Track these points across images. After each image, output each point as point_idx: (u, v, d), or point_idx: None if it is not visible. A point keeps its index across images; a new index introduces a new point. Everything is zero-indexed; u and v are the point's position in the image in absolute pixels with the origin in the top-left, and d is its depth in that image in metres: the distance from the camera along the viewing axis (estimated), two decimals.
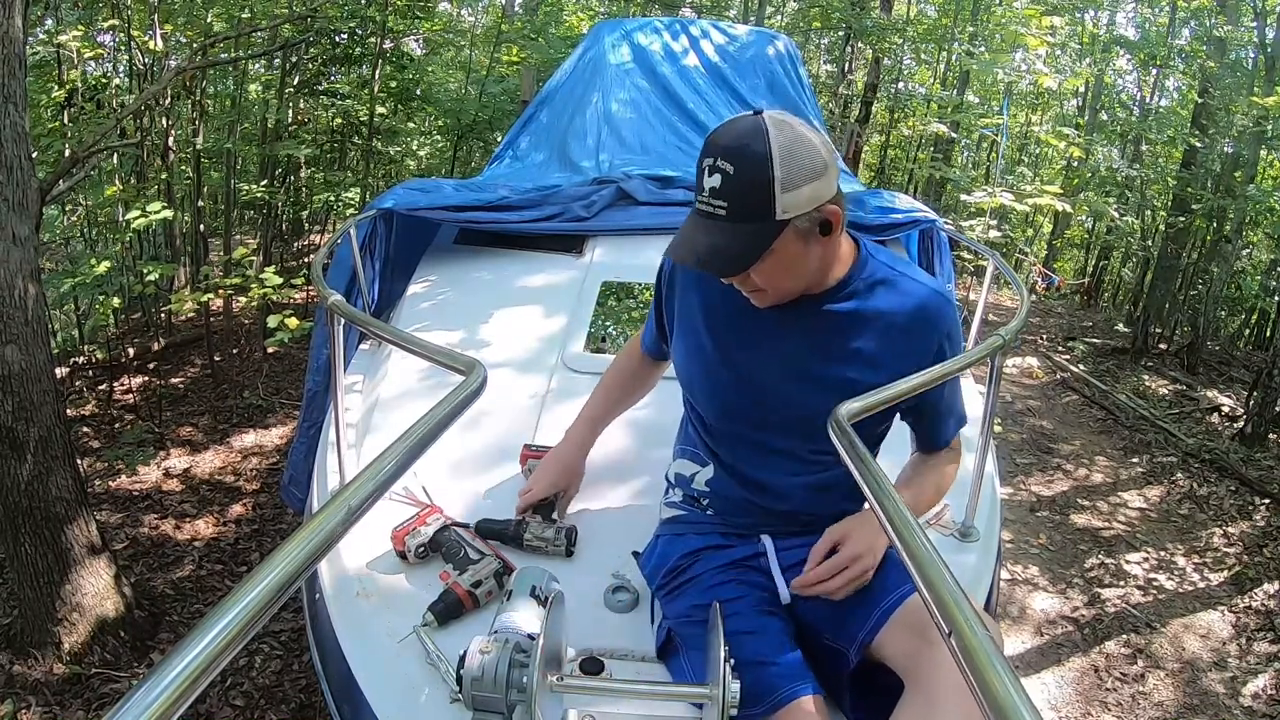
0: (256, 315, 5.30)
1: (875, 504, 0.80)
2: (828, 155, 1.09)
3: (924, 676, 1.02)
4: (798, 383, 1.23)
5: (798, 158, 1.05)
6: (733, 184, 1.05)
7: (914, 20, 10.07)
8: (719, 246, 1.08)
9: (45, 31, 5.03)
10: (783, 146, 1.05)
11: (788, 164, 1.05)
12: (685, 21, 3.73)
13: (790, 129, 1.06)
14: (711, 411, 1.33)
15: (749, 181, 1.05)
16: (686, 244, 1.12)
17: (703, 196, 1.09)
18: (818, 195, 1.08)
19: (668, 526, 1.42)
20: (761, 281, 1.14)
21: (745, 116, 1.09)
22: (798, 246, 1.11)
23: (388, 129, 6.95)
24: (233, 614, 0.53)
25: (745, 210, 1.06)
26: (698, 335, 1.31)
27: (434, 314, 2.27)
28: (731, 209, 1.06)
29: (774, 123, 1.06)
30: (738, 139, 1.06)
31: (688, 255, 1.11)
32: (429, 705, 1.18)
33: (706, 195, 1.08)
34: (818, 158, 1.07)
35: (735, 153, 1.05)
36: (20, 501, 2.42)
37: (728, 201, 1.06)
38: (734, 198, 1.06)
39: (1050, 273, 10.27)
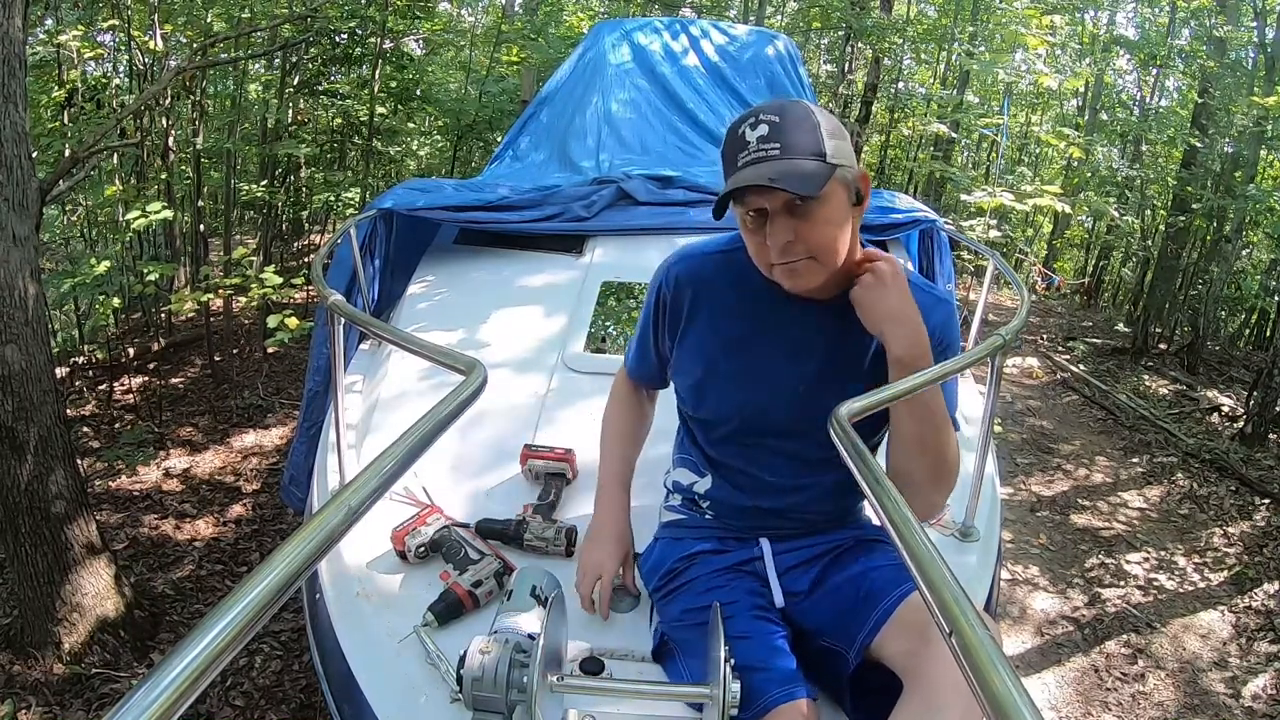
0: (256, 315, 5.30)
1: (875, 504, 0.80)
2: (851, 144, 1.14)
3: (923, 676, 1.02)
4: (819, 390, 1.21)
5: (831, 119, 1.11)
6: (782, 128, 1.07)
7: (914, 20, 10.07)
8: (785, 170, 1.06)
9: (45, 31, 5.03)
10: (817, 110, 1.11)
11: (827, 119, 1.10)
12: (685, 21, 3.73)
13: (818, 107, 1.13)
14: (725, 427, 1.30)
15: (797, 125, 1.07)
16: (750, 174, 1.07)
17: (748, 149, 1.08)
18: (851, 156, 1.12)
19: (666, 530, 1.42)
20: (814, 241, 1.10)
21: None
22: (842, 201, 1.12)
23: (388, 129, 6.95)
24: (233, 614, 0.53)
25: (799, 147, 1.07)
26: (713, 357, 1.28)
27: (434, 314, 2.27)
28: (785, 147, 1.06)
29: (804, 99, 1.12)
30: (774, 101, 1.11)
31: (757, 177, 1.05)
32: (429, 705, 1.18)
33: (754, 145, 1.07)
34: (844, 131, 1.13)
35: (777, 108, 1.09)
36: (20, 501, 2.42)
37: (780, 141, 1.07)
38: (786, 137, 1.07)
39: (1050, 273, 10.27)
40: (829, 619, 1.20)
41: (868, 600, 1.15)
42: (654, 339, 1.37)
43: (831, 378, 1.22)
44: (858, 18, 7.67)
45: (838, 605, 1.20)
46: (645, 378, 1.45)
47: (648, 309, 1.37)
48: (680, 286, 1.29)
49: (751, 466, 1.30)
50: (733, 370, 1.27)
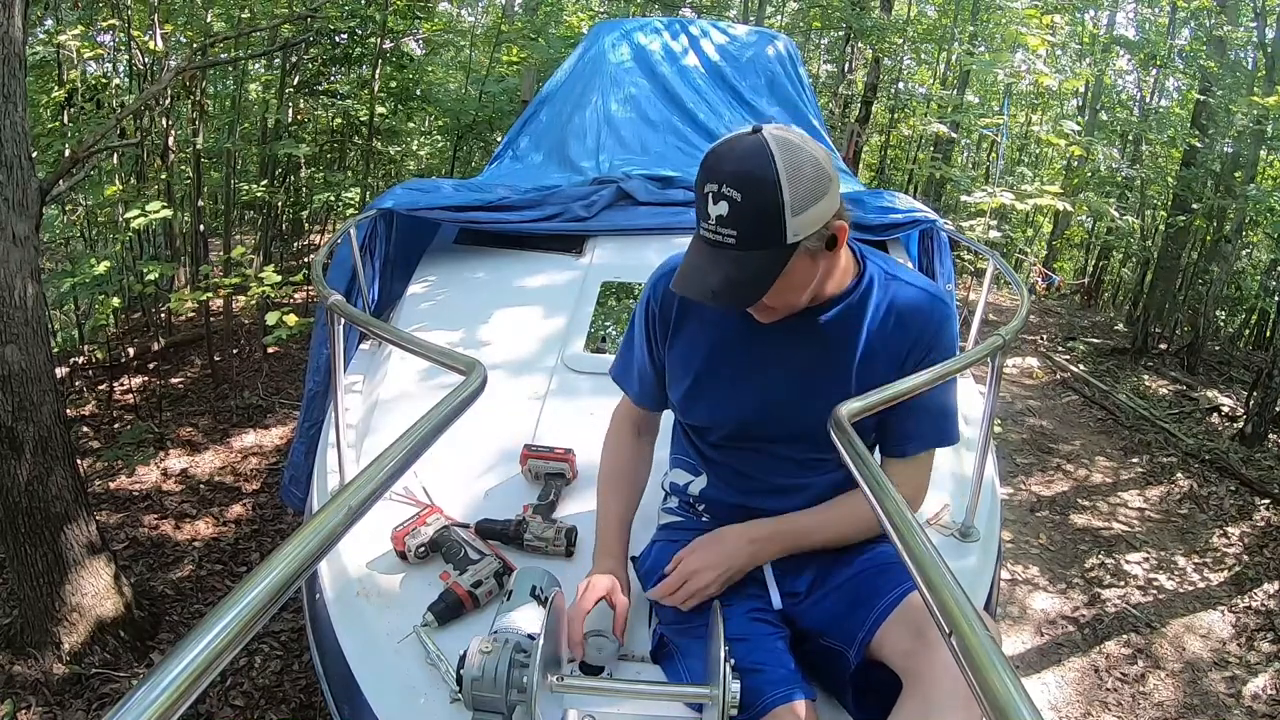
0: (256, 315, 5.30)
1: (875, 504, 0.80)
2: (830, 168, 1.06)
3: (923, 676, 1.02)
4: (808, 397, 1.22)
5: (804, 178, 1.02)
6: (741, 212, 1.01)
7: (914, 20, 10.07)
8: (732, 278, 1.05)
9: (45, 31, 5.03)
10: (789, 168, 1.01)
11: (795, 186, 1.01)
12: (685, 21, 3.73)
13: (794, 147, 1.03)
14: (718, 433, 1.31)
15: (758, 208, 1.01)
16: (696, 278, 1.07)
17: (708, 225, 1.05)
18: (825, 212, 1.05)
19: (664, 532, 1.42)
20: (770, 301, 1.10)
21: (745, 136, 1.04)
22: (807, 265, 1.09)
23: (388, 129, 6.94)
24: (233, 614, 0.53)
25: (756, 238, 1.03)
26: (700, 367, 1.28)
27: (434, 314, 2.27)
28: (741, 237, 1.03)
29: (777, 142, 1.02)
30: (741, 163, 1.01)
31: (700, 291, 1.07)
32: (429, 705, 1.18)
33: (713, 224, 1.04)
34: (823, 174, 1.04)
35: (741, 179, 1.01)
36: (20, 501, 2.42)
37: (737, 230, 1.02)
38: (743, 226, 1.02)
39: (1050, 273, 10.27)
40: (828, 619, 1.20)
41: (866, 599, 1.16)
42: (649, 352, 1.35)
43: (818, 384, 1.21)
44: (858, 18, 7.67)
45: (837, 605, 1.20)
46: (646, 399, 1.40)
47: (637, 325, 1.35)
48: (667, 298, 1.28)
49: (745, 468, 1.30)
50: (720, 379, 1.27)
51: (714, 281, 1.05)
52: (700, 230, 1.07)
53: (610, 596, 1.24)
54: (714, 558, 1.21)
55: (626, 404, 1.45)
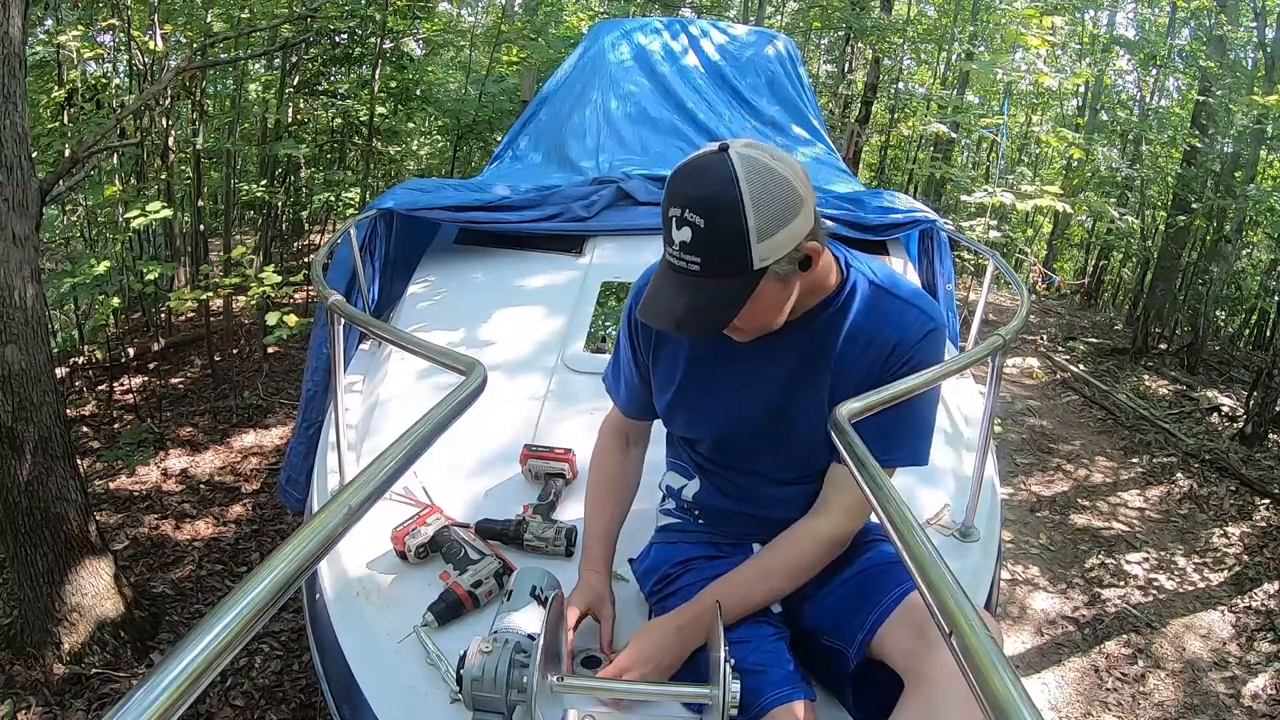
0: (256, 315, 5.30)
1: (875, 504, 0.80)
2: (803, 187, 1.02)
3: (923, 675, 1.02)
4: (788, 412, 1.20)
5: (771, 200, 0.98)
6: (704, 238, 0.98)
7: (914, 20, 10.07)
8: (696, 306, 1.02)
9: (45, 31, 5.03)
10: (754, 191, 0.97)
11: (761, 210, 0.97)
12: (685, 21, 3.73)
13: (761, 168, 0.98)
14: (700, 445, 1.32)
15: (722, 235, 0.97)
16: (661, 305, 1.05)
17: (672, 250, 1.01)
18: (795, 235, 1.01)
19: (662, 535, 1.42)
20: (741, 325, 1.07)
21: (709, 155, 1.00)
22: (777, 289, 1.05)
23: (388, 129, 6.94)
24: (233, 614, 0.53)
25: (720, 265, 0.99)
26: (680, 380, 1.27)
27: (434, 314, 2.27)
28: (705, 265, 0.99)
29: (743, 163, 0.97)
30: (703, 187, 0.97)
31: (664, 319, 1.05)
32: (429, 705, 1.18)
33: (677, 249, 1.01)
34: (792, 195, 1.00)
35: (703, 204, 0.97)
36: (20, 501, 2.42)
37: (701, 257, 0.99)
38: (707, 253, 0.99)
39: (1050, 273, 10.27)
40: (828, 619, 1.20)
41: (867, 599, 1.15)
42: (634, 361, 1.33)
43: (797, 396, 1.19)
44: (857, 18, 7.67)
45: (836, 605, 1.20)
46: (634, 408, 1.38)
47: (623, 334, 1.33)
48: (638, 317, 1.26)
49: (734, 475, 1.30)
50: (698, 393, 1.26)
51: (678, 310, 1.03)
52: (665, 254, 1.04)
53: (595, 612, 1.25)
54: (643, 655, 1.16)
55: (616, 413, 1.44)
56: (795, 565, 1.20)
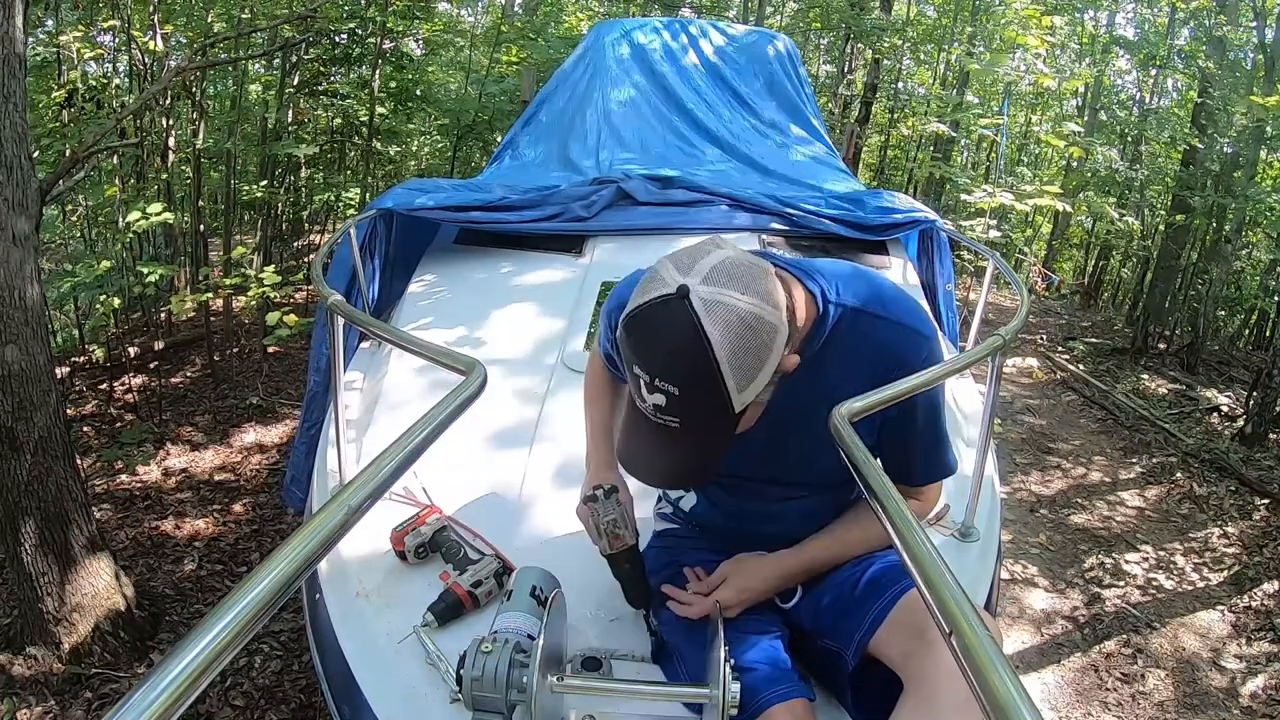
0: (256, 315, 5.30)
1: (875, 504, 0.80)
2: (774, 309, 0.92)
3: (923, 676, 1.02)
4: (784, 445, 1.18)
5: (747, 351, 0.90)
6: (680, 403, 0.91)
7: (913, 21, 10.07)
8: (683, 461, 0.99)
9: (45, 31, 5.03)
10: (729, 349, 0.88)
11: (738, 363, 0.89)
12: (684, 21, 3.73)
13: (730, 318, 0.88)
14: None
15: (700, 400, 0.91)
16: (647, 462, 1.01)
17: (645, 406, 0.95)
18: (775, 363, 0.94)
19: (659, 539, 1.42)
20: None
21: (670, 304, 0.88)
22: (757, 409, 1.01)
23: (388, 129, 6.95)
24: (233, 614, 0.53)
25: (700, 422, 0.94)
26: None
27: (434, 314, 2.27)
28: (685, 424, 0.94)
29: (709, 316, 0.87)
30: (672, 355, 0.89)
31: (652, 476, 1.03)
32: (429, 705, 1.18)
33: (650, 409, 0.94)
34: (765, 332, 0.91)
35: (674, 373, 0.90)
36: (20, 501, 2.42)
37: (679, 418, 0.93)
38: (685, 415, 0.93)
39: (1050, 273, 10.27)
40: (827, 619, 1.20)
41: (864, 599, 1.15)
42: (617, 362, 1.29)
43: (792, 431, 1.16)
44: (857, 18, 7.67)
45: (835, 605, 1.20)
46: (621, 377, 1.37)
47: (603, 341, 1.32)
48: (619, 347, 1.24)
49: (727, 494, 1.30)
50: None
51: (666, 470, 1.01)
52: (638, 404, 0.96)
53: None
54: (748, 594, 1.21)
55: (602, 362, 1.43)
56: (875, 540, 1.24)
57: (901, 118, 10.39)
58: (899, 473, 1.23)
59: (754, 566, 1.24)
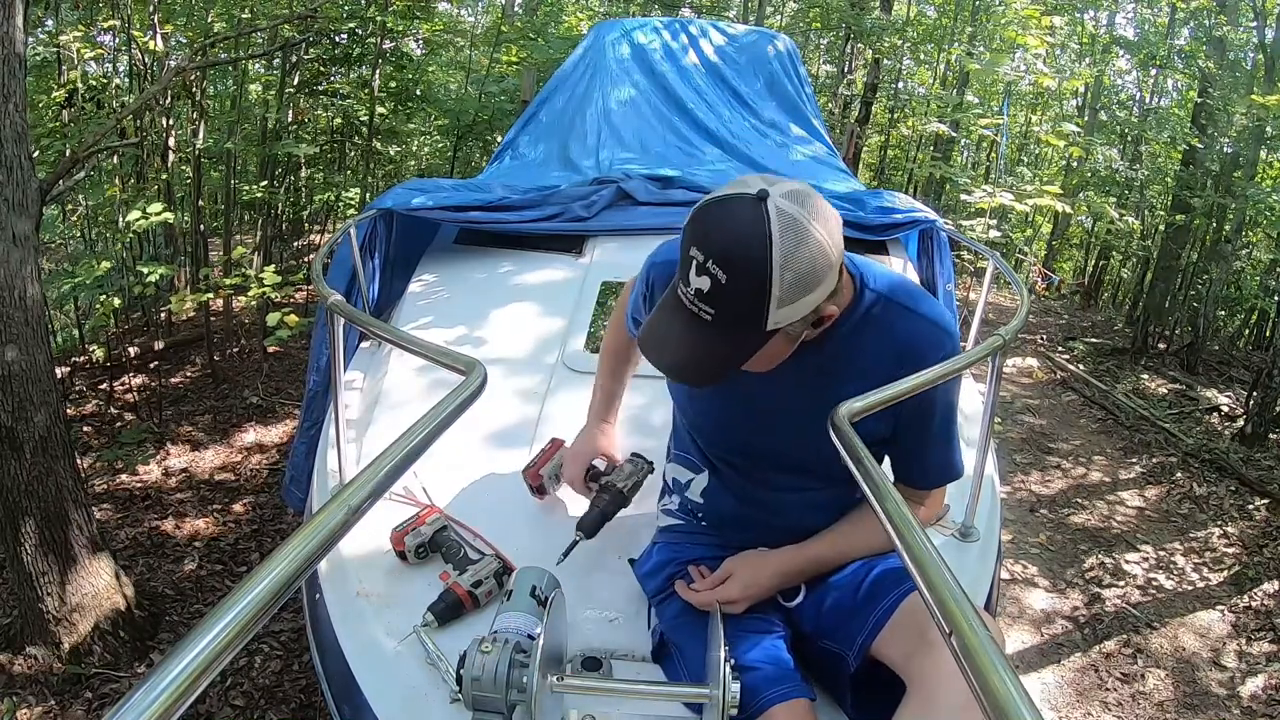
0: (256, 315, 5.30)
1: (875, 504, 0.80)
2: (835, 250, 0.97)
3: (925, 678, 1.02)
4: (793, 426, 1.19)
5: (801, 268, 0.93)
6: (722, 293, 0.94)
7: (913, 21, 10.06)
8: (698, 356, 1.00)
9: (45, 31, 5.03)
10: (785, 255, 0.92)
11: (787, 276, 0.92)
12: (684, 21, 3.73)
13: (798, 230, 0.92)
14: (706, 440, 1.31)
15: (742, 295, 0.93)
16: (663, 343, 1.02)
17: (686, 291, 0.97)
18: (815, 301, 0.97)
19: (664, 535, 1.41)
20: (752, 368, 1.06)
21: (745, 200, 0.93)
22: (783, 345, 1.03)
23: (388, 129, 6.94)
24: (233, 614, 0.53)
25: (732, 321, 0.96)
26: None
27: (434, 314, 2.27)
28: (717, 319, 0.96)
29: (780, 220, 0.92)
30: (734, 241, 0.92)
31: (665, 359, 1.03)
32: (429, 705, 1.18)
33: (691, 294, 0.96)
34: (822, 262, 0.95)
35: (729, 260, 0.92)
36: (20, 501, 2.42)
37: (715, 310, 0.95)
38: (721, 308, 0.95)
39: (1050, 273, 10.27)
40: (828, 621, 1.20)
41: (866, 602, 1.15)
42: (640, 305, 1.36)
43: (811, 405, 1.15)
44: (857, 18, 7.67)
45: (837, 607, 1.20)
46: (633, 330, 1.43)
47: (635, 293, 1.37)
48: (656, 288, 1.27)
49: (742, 476, 1.30)
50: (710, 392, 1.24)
51: (679, 355, 1.01)
52: (678, 290, 1.00)
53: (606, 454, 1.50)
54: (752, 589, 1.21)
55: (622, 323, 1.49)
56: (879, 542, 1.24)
57: (901, 118, 10.39)
58: (909, 473, 1.27)
59: (758, 561, 1.24)
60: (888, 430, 1.20)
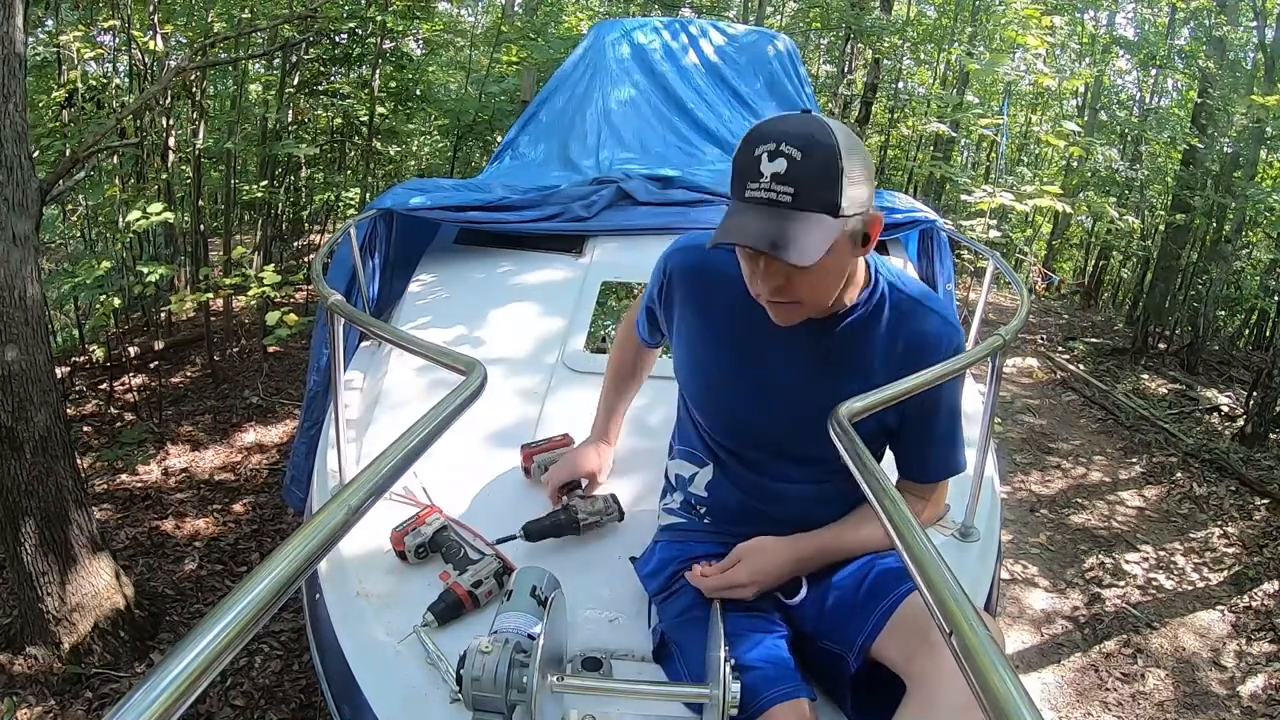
0: (256, 314, 5.30)
1: (875, 504, 0.80)
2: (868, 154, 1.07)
3: (926, 678, 1.02)
4: (804, 408, 1.20)
5: (857, 153, 1.02)
6: (801, 169, 0.98)
7: (913, 21, 10.06)
8: (791, 232, 0.98)
9: (45, 31, 5.03)
10: (844, 140, 1.00)
11: (851, 157, 1.00)
12: (684, 21, 3.73)
13: (845, 130, 1.03)
14: (713, 427, 1.31)
15: (819, 167, 0.99)
16: (748, 228, 1.00)
17: (760, 183, 0.99)
18: (869, 196, 1.04)
19: (666, 533, 1.41)
20: (807, 290, 1.07)
21: (795, 114, 1.04)
22: (846, 251, 1.06)
23: (388, 129, 6.94)
24: (233, 614, 0.53)
25: (813, 197, 0.99)
26: (700, 353, 1.28)
27: (434, 313, 2.27)
28: (799, 194, 0.98)
29: (830, 121, 1.03)
30: (802, 126, 1.00)
31: (757, 239, 0.99)
32: (429, 705, 1.18)
33: (768, 180, 0.99)
34: (867, 157, 1.04)
35: (802, 139, 0.98)
36: (20, 501, 2.42)
37: (795, 187, 0.98)
38: (802, 183, 0.98)
39: (1050, 273, 10.27)
40: (828, 621, 1.20)
41: (866, 602, 1.15)
42: (653, 308, 1.39)
43: (821, 391, 1.17)
44: (857, 18, 7.67)
45: (837, 608, 1.20)
46: (645, 335, 1.49)
47: (651, 288, 1.38)
48: (674, 278, 1.30)
49: (747, 466, 1.30)
50: (722, 374, 1.26)
51: (774, 232, 0.98)
52: (746, 192, 1.01)
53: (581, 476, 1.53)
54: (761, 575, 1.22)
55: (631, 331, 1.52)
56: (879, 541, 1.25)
57: (901, 118, 10.39)
58: (913, 468, 1.29)
59: (768, 546, 1.24)
60: (894, 422, 1.23)
